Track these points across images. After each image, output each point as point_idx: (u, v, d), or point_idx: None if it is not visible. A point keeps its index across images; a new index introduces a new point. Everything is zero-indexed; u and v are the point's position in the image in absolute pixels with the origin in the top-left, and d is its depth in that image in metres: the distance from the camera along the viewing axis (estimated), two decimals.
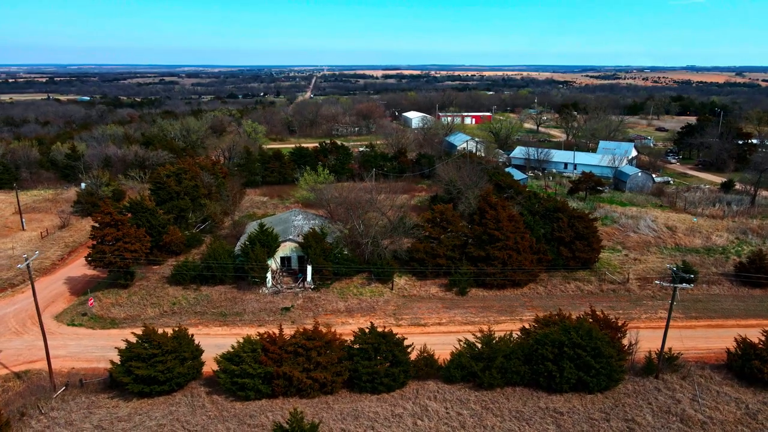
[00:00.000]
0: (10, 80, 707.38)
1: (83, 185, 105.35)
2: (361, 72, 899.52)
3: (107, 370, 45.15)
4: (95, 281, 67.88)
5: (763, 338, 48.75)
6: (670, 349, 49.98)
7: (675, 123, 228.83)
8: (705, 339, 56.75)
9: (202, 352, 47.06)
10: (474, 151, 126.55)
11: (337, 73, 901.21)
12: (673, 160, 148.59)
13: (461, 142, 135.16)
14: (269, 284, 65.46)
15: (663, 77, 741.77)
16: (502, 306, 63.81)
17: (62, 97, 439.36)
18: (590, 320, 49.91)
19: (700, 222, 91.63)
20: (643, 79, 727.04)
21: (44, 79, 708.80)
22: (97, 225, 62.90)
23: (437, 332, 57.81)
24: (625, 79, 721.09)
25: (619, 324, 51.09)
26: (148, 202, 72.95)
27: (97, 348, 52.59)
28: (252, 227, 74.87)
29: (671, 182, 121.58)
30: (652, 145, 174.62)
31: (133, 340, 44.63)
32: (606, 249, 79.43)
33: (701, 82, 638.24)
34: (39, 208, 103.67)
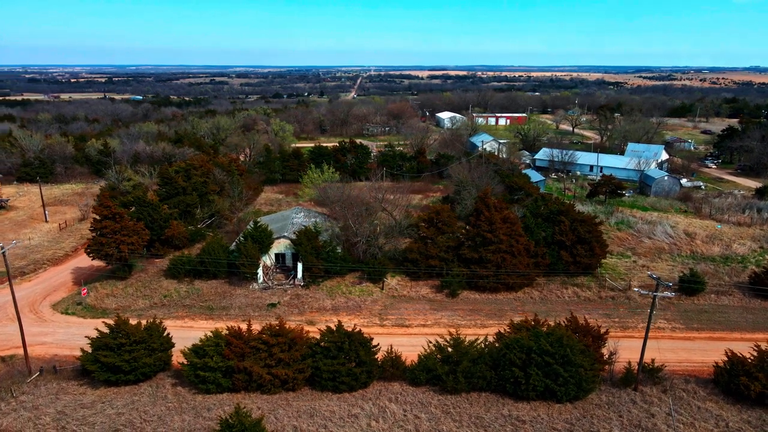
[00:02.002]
0: (72, 80, 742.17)
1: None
2: (407, 72, 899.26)
3: (76, 358, 46.54)
4: (100, 272, 70.26)
5: (755, 353, 45.95)
6: (653, 360, 47.66)
7: (724, 126, 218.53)
8: (702, 352, 53.84)
9: (172, 344, 47.88)
10: (495, 152, 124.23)
11: (382, 73, 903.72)
12: (711, 164, 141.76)
13: (484, 143, 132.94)
14: (260, 280, 66.12)
15: (722, 78, 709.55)
16: (492, 310, 62.32)
17: (117, 96, 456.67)
18: (568, 327, 48.16)
19: (724, 229, 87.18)
20: (700, 80, 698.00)
21: (103, 79, 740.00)
22: (97, 217, 65.00)
23: (420, 334, 56.91)
24: (680, 80, 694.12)
25: (601, 332, 49.08)
26: (152, 197, 74.90)
27: (82, 336, 53.75)
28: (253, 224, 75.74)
29: (703, 187, 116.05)
30: (692, 148, 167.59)
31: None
32: (614, 254, 76.62)
33: (764, 83, 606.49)
34: (67, 201, 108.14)
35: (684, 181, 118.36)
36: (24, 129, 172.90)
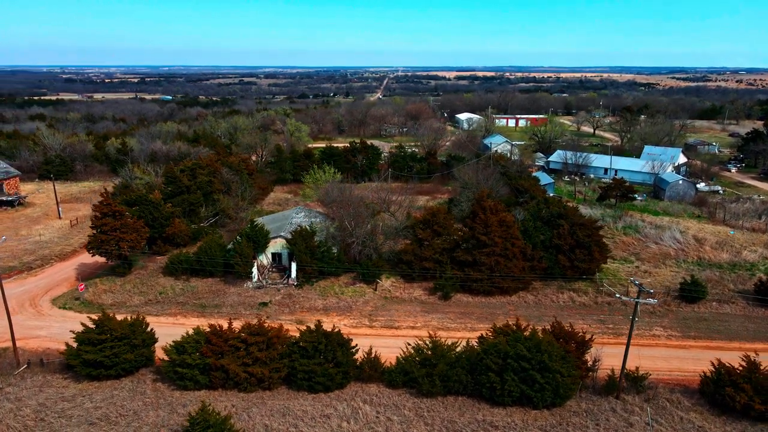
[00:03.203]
0: (107, 80, 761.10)
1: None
2: (433, 73, 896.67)
3: (60, 353, 47.71)
4: (102, 268, 71.87)
5: (744, 364, 44.52)
6: (637, 368, 46.58)
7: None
8: (696, 361, 52.32)
9: (155, 340, 48.70)
10: (507, 154, 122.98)
11: (409, 74, 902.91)
12: (733, 168, 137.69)
13: (496, 144, 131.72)
14: (255, 279, 66.76)
15: (760, 80, 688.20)
16: (484, 313, 61.71)
17: (148, 96, 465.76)
18: (552, 332, 47.38)
19: (736, 235, 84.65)
20: (736, 81, 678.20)
21: (136, 80, 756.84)
22: (98, 215, 66.51)
23: (408, 336, 56.44)
24: (715, 81, 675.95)
25: (586, 338, 48.18)
26: (157, 195, 76.29)
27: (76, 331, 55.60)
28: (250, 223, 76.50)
29: (721, 192, 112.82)
30: (716, 151, 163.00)
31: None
32: (617, 259, 75.14)
33: None
34: (83, 198, 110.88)
35: (702, 185, 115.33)
36: (51, 128, 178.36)
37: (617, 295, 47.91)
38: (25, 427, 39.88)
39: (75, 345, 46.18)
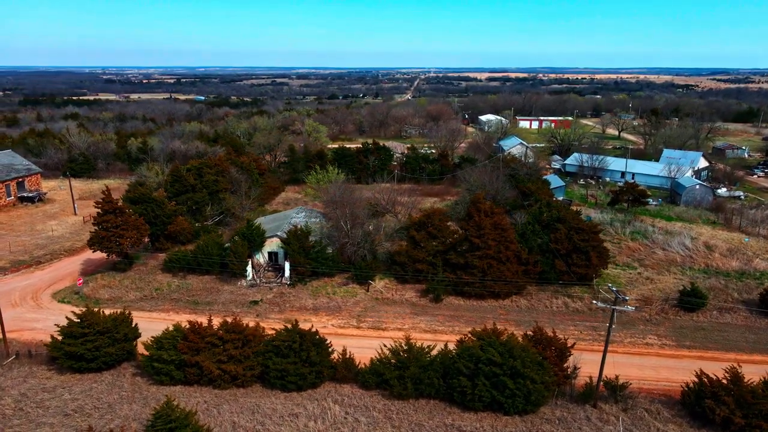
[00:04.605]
0: (144, 81, 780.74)
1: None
2: (465, 74, 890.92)
3: (44, 345, 49.15)
4: (106, 264, 73.73)
5: (728, 375, 42.95)
6: (617, 376, 45.43)
7: None
8: (686, 371, 50.36)
9: (138, 335, 49.74)
10: (522, 156, 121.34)
11: (440, 75, 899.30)
12: (760, 173, 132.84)
13: (510, 146, 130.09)
14: (249, 277, 67.54)
15: None
16: (473, 317, 61.05)
17: (182, 97, 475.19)
18: (532, 338, 46.62)
19: (751, 243, 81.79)
20: None
21: (172, 80, 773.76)
22: (99, 212, 68.29)
23: (394, 337, 55.96)
24: (758, 83, 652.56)
25: (567, 345, 47.25)
26: (161, 193, 77.89)
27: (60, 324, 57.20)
28: (256, 222, 77.39)
29: (742, 197, 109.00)
30: (746, 155, 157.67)
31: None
32: (620, 265, 73.45)
33: None
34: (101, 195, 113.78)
35: (723, 190, 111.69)
36: (81, 127, 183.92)
37: (594, 301, 46.80)
38: (3, 416, 41.24)
39: (60, 338, 47.48)
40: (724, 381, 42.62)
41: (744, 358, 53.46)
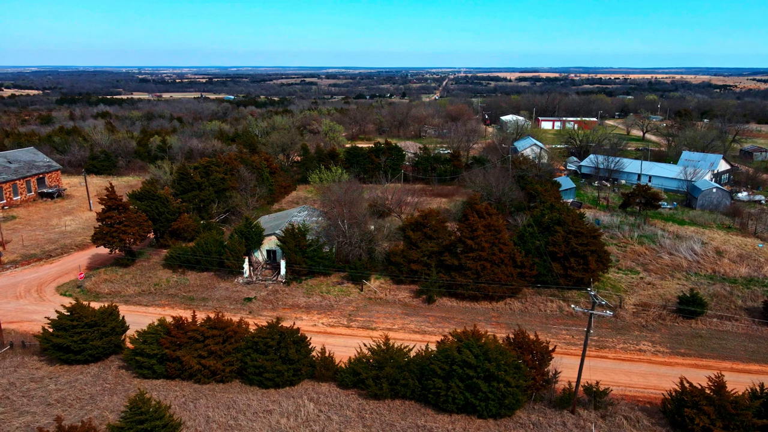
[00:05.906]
0: (177, 80, 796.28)
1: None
2: (494, 74, 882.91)
3: (34, 336, 50.66)
4: (111, 259, 75.64)
5: (712, 385, 41.69)
6: (597, 382, 44.61)
7: None
8: (677, 379, 49.23)
9: (126, 329, 50.89)
10: (536, 157, 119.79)
11: (470, 75, 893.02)
12: None
13: (524, 147, 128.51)
14: (245, 274, 68.39)
15: None
16: (465, 319, 60.60)
17: (213, 96, 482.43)
18: (514, 341, 46.08)
19: (765, 249, 79.16)
20: None
21: (204, 80, 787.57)
22: (104, 207, 70.05)
23: (383, 338, 56.45)
24: None
25: (549, 349, 46.54)
26: (166, 190, 79.45)
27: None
28: (258, 220, 78.39)
29: (763, 201, 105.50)
30: None
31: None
32: (622, 269, 71.99)
33: None
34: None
35: (743, 194, 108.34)
36: (108, 125, 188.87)
37: (573, 306, 46.02)
38: None
39: (51, 330, 48.92)
40: (707, 390, 41.40)
41: (740, 367, 51.99)
